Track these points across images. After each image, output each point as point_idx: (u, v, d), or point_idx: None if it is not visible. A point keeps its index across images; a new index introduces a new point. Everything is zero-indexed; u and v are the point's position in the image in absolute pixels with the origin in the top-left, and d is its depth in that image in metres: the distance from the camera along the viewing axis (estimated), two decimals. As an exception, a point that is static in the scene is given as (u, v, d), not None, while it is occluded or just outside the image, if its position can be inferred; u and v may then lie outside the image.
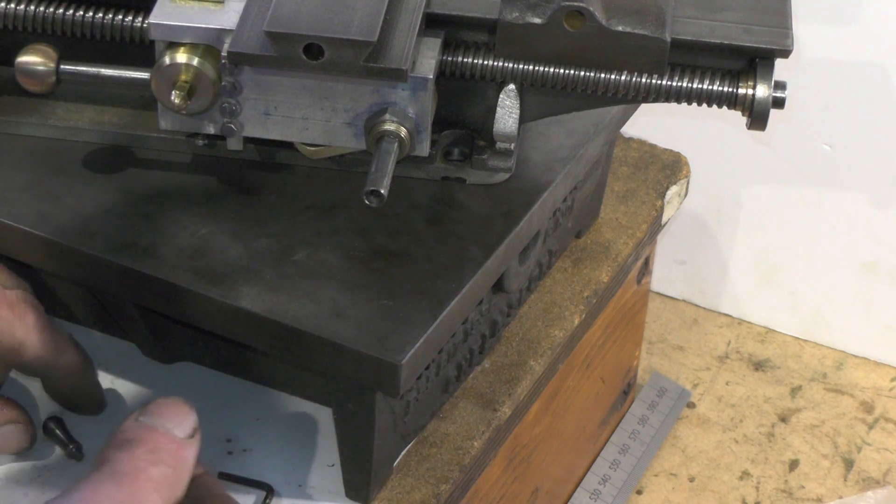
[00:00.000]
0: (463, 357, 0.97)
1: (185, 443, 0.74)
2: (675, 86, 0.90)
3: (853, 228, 1.38)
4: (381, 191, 0.82)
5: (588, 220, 1.11)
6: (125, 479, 0.69)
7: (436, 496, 0.91)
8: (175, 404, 0.76)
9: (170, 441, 0.73)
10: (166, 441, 0.73)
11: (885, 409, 1.38)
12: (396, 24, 0.86)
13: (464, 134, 0.95)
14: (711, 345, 1.44)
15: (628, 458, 1.28)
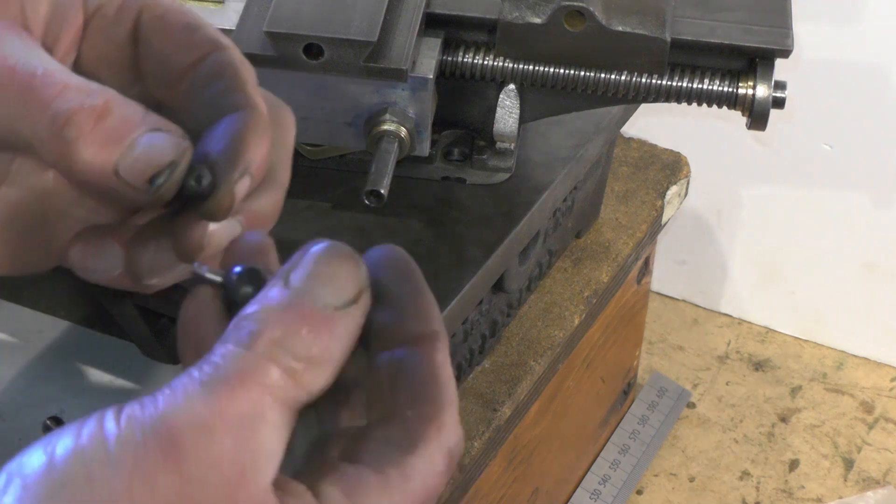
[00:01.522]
0: (463, 357, 0.97)
1: (335, 317, 0.50)
2: (675, 86, 0.90)
3: (853, 228, 1.38)
4: (381, 191, 0.82)
5: (588, 220, 1.11)
6: (234, 385, 0.48)
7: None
8: (333, 257, 0.52)
9: (312, 318, 0.50)
10: (305, 320, 0.50)
11: (885, 409, 1.38)
12: (396, 24, 0.86)
13: (464, 134, 0.95)
14: (711, 345, 1.44)
15: (628, 458, 1.28)
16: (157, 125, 0.57)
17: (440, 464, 0.51)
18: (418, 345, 0.53)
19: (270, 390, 0.49)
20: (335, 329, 0.51)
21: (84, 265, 0.60)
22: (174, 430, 0.47)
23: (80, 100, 0.56)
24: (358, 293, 0.52)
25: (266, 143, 0.59)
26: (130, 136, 0.57)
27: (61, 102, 0.56)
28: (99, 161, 0.56)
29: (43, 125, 0.56)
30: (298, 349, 0.50)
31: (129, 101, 0.58)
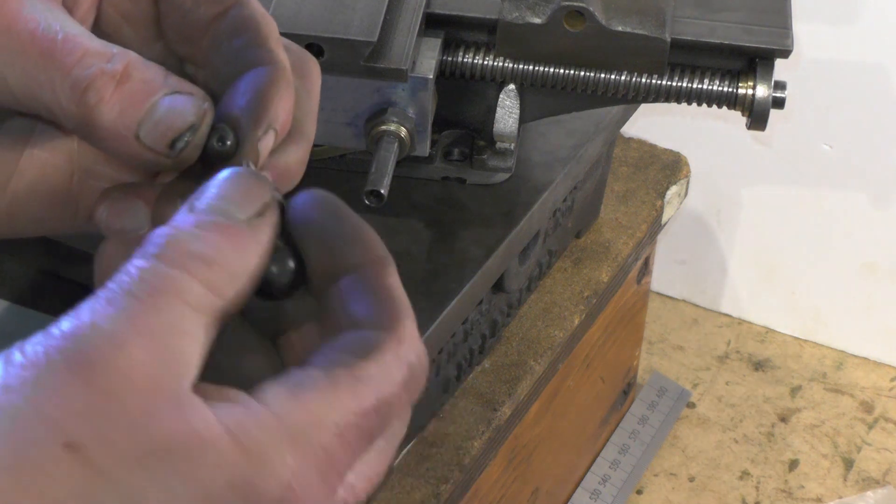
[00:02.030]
0: (463, 357, 0.97)
1: (242, 228, 0.51)
2: (675, 86, 0.90)
3: (853, 228, 1.38)
4: (381, 191, 0.82)
5: (588, 220, 1.11)
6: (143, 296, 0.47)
7: (436, 496, 0.91)
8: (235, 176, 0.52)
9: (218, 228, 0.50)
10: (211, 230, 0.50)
11: (884, 409, 1.38)
12: (396, 24, 0.86)
13: (464, 134, 0.95)
14: (711, 345, 1.44)
15: (628, 457, 1.28)
16: (177, 87, 0.57)
17: (397, 374, 0.50)
18: (365, 268, 0.53)
19: (180, 297, 0.48)
20: (243, 237, 0.51)
21: (110, 224, 0.59)
22: (82, 347, 0.46)
23: (101, 65, 0.56)
24: (264, 206, 0.52)
25: (290, 98, 0.59)
26: (151, 99, 0.56)
27: (82, 68, 0.56)
28: (120, 126, 0.56)
29: (64, 91, 0.56)
30: (207, 255, 0.49)
31: (149, 64, 0.57)
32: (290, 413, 0.48)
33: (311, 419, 0.48)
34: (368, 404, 0.49)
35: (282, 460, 0.47)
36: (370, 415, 0.49)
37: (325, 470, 0.48)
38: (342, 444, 0.49)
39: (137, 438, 0.45)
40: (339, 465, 0.49)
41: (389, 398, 0.50)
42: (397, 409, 0.51)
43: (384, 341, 0.51)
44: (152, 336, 0.47)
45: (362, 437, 0.49)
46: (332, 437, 0.48)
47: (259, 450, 0.47)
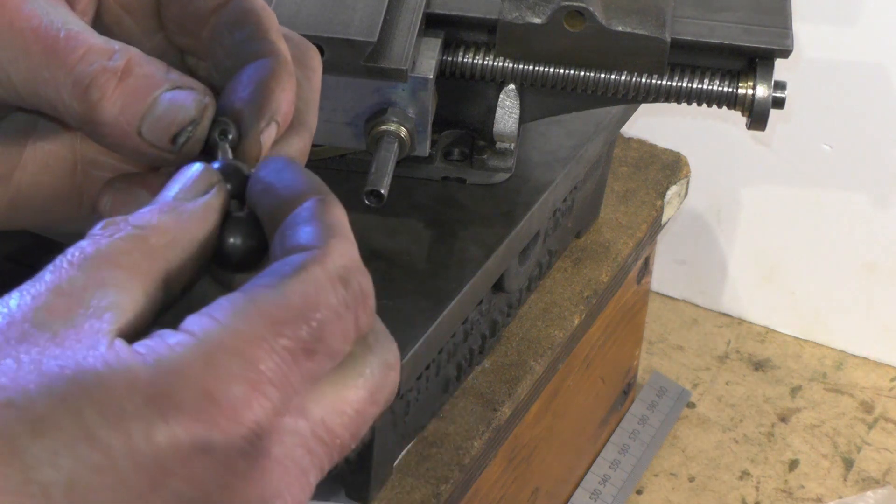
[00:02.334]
0: (463, 357, 0.97)
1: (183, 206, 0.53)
2: (675, 86, 0.90)
3: (853, 228, 1.38)
4: (381, 191, 0.82)
5: (588, 220, 1.11)
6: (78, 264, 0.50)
7: (436, 496, 0.91)
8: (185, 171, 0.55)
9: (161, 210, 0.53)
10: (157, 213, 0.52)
11: (884, 409, 1.38)
12: (396, 24, 0.86)
13: (464, 134, 0.95)
14: (711, 345, 1.44)
15: (628, 457, 1.28)
16: (179, 82, 0.58)
17: (323, 285, 0.50)
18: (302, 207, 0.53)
19: (109, 261, 0.50)
20: (183, 212, 0.53)
21: (113, 214, 0.60)
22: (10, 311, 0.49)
23: (103, 62, 0.57)
24: (208, 187, 0.54)
25: (291, 89, 0.59)
26: (153, 94, 0.57)
27: (84, 65, 0.57)
28: (122, 121, 0.57)
29: (66, 88, 0.57)
30: (144, 226, 0.51)
31: (151, 59, 0.58)
32: (207, 330, 0.48)
33: (228, 332, 0.48)
34: (290, 315, 0.49)
35: (194, 372, 0.47)
36: (295, 325, 0.49)
37: (251, 381, 0.47)
38: (268, 356, 0.48)
39: (50, 373, 0.46)
40: (269, 378, 0.48)
41: (317, 309, 0.49)
42: (338, 328, 0.50)
43: (308, 259, 0.51)
44: (80, 293, 0.49)
45: (295, 351, 0.48)
46: (252, 347, 0.48)
47: (170, 365, 0.47)
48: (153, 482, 0.46)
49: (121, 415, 0.46)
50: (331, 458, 0.51)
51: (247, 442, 0.47)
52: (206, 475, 0.47)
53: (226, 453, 0.47)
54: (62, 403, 0.46)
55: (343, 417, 0.51)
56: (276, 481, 0.48)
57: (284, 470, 0.49)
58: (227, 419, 0.47)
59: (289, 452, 0.49)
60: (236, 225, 0.54)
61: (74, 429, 0.46)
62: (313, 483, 0.50)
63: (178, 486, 0.46)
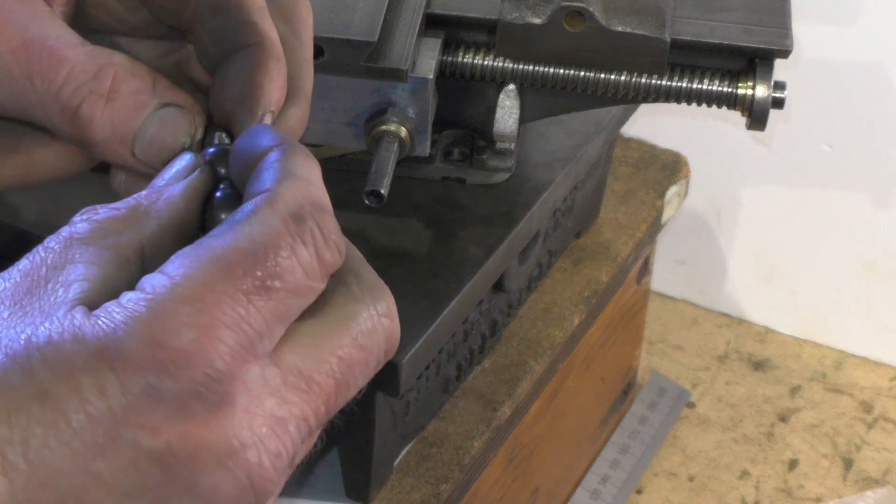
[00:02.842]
0: (463, 357, 0.97)
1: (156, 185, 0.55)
2: (675, 86, 0.90)
3: (853, 228, 1.38)
4: (381, 191, 0.82)
5: (588, 220, 1.11)
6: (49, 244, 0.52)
7: (436, 496, 0.91)
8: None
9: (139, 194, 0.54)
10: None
11: (884, 409, 1.38)
12: (396, 25, 0.86)
13: (464, 134, 0.95)
14: (711, 345, 1.44)
15: (628, 457, 1.28)
16: (167, 98, 0.58)
17: (276, 223, 0.49)
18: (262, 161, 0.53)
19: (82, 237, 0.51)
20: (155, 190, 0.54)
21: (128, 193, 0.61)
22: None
23: (88, 83, 0.57)
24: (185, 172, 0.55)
25: (281, 74, 0.59)
26: (141, 114, 0.57)
27: (69, 87, 0.57)
28: (114, 142, 0.57)
29: (55, 113, 0.57)
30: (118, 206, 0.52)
31: (136, 71, 0.58)
32: (157, 284, 0.48)
33: (177, 283, 0.48)
34: (239, 256, 0.48)
35: (142, 323, 0.47)
36: (245, 265, 0.48)
37: (201, 326, 0.47)
38: (220, 299, 0.48)
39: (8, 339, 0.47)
40: (222, 321, 0.47)
41: (268, 247, 0.49)
42: (295, 263, 0.49)
43: (258, 201, 0.51)
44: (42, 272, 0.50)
45: (249, 291, 0.48)
46: (202, 292, 0.48)
47: (120, 320, 0.47)
48: (108, 434, 0.46)
49: (70, 371, 0.46)
50: (315, 408, 0.50)
51: (201, 386, 0.47)
52: (162, 422, 0.46)
53: (179, 399, 0.46)
54: (15, 365, 0.46)
55: (323, 364, 0.50)
56: (244, 429, 0.47)
57: (252, 418, 0.48)
58: (176, 365, 0.47)
59: (257, 400, 0.48)
60: (220, 202, 0.54)
61: (27, 388, 0.46)
62: (295, 433, 0.49)
63: (135, 435, 0.46)
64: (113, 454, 0.46)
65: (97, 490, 0.46)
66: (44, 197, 0.90)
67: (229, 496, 0.47)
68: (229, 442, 0.47)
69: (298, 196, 0.50)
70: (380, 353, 0.53)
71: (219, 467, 0.47)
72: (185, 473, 0.47)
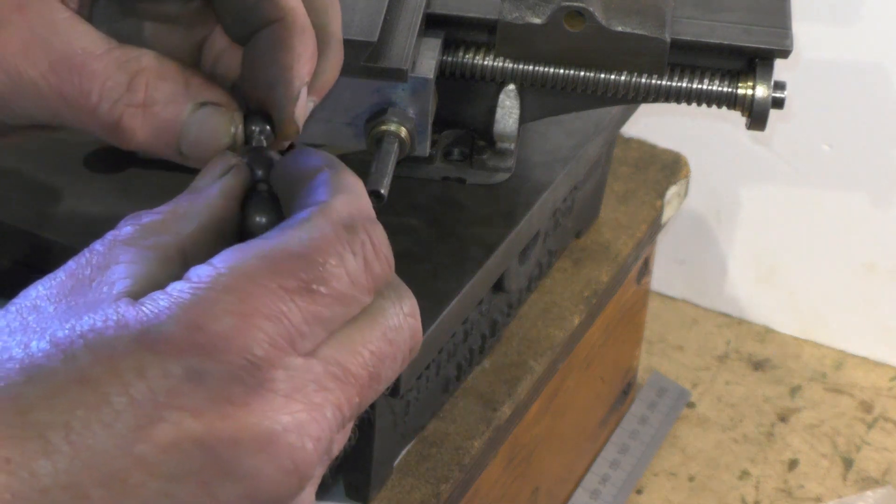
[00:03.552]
0: (463, 357, 0.97)
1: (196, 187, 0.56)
2: (675, 86, 0.90)
3: (853, 228, 1.38)
4: (381, 191, 0.82)
5: (588, 220, 1.11)
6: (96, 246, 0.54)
7: (436, 496, 0.91)
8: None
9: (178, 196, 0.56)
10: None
11: (884, 409, 1.38)
12: (396, 25, 0.86)
13: (464, 134, 0.95)
14: (711, 344, 1.44)
15: (628, 457, 1.28)
16: (202, 97, 0.59)
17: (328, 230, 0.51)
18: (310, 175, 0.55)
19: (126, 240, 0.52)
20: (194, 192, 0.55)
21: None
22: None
23: (123, 97, 0.58)
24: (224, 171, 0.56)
25: (310, 45, 0.60)
26: (180, 118, 0.58)
27: (105, 104, 0.58)
28: (161, 143, 0.59)
29: (95, 128, 0.59)
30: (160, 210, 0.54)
31: (167, 74, 0.59)
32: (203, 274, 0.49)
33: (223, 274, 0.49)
34: (287, 256, 0.49)
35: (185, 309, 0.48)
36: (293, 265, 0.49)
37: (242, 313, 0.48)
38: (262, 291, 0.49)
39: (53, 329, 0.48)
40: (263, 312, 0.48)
41: (317, 251, 0.50)
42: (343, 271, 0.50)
43: (312, 211, 0.52)
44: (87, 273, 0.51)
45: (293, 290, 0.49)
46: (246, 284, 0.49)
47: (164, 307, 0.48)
48: (149, 415, 0.47)
49: (111, 355, 0.47)
50: (349, 398, 0.51)
51: (241, 370, 0.47)
52: (204, 405, 0.47)
53: (219, 382, 0.47)
54: (58, 351, 0.47)
55: (357, 357, 0.51)
56: (285, 414, 0.48)
57: (292, 403, 0.48)
58: (216, 348, 0.47)
59: (296, 387, 0.49)
60: (257, 202, 0.56)
61: (69, 372, 0.47)
62: (332, 420, 0.50)
63: (177, 417, 0.47)
64: (155, 436, 0.47)
65: (140, 472, 0.47)
66: (44, 197, 0.90)
67: (272, 479, 0.48)
68: (270, 426, 0.48)
69: (352, 209, 0.52)
70: (406, 349, 0.54)
71: (261, 450, 0.48)
72: (228, 456, 0.47)
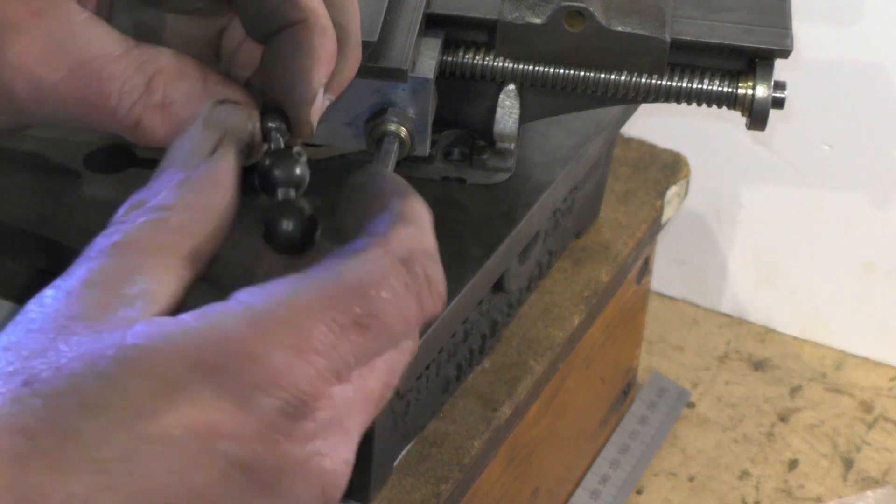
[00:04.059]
0: (463, 357, 0.97)
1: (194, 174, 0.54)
2: (675, 86, 0.90)
3: (853, 228, 1.38)
4: (381, 191, 0.82)
5: (588, 220, 1.11)
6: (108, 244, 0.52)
7: (436, 496, 0.91)
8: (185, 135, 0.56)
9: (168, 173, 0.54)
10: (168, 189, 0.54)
11: (884, 409, 1.38)
12: (396, 24, 0.86)
13: (464, 134, 0.95)
14: (711, 345, 1.44)
15: (628, 457, 1.28)
16: (220, 94, 0.59)
17: (385, 264, 0.51)
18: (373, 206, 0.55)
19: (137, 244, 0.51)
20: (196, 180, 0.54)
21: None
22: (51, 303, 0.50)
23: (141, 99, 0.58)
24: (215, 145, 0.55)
25: (330, 47, 0.61)
26: (199, 116, 0.58)
27: (124, 107, 0.59)
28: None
29: (115, 128, 0.59)
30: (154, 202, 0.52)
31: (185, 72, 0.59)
32: (255, 299, 0.49)
33: (277, 302, 0.49)
34: (342, 290, 0.49)
35: (240, 336, 0.48)
36: (347, 299, 0.49)
37: (296, 348, 0.48)
38: (316, 325, 0.49)
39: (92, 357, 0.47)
40: (315, 347, 0.48)
41: (372, 286, 0.50)
42: (395, 306, 0.50)
43: (369, 241, 0.52)
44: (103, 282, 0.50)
45: (345, 324, 0.49)
46: (300, 317, 0.49)
47: (216, 330, 0.48)
48: (203, 445, 0.47)
49: (165, 384, 0.47)
50: (370, 414, 0.53)
51: (289, 404, 0.48)
52: (251, 434, 0.48)
53: (268, 412, 0.48)
54: (107, 382, 0.47)
55: (376, 372, 0.52)
56: (322, 440, 0.49)
57: (331, 429, 0.50)
58: (269, 382, 0.48)
59: (337, 415, 0.50)
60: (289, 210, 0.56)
61: (122, 404, 0.47)
62: (356, 441, 0.52)
63: (227, 446, 0.47)
64: (208, 465, 0.47)
65: (196, 501, 0.47)
66: (44, 197, 0.90)
67: (308, 498, 0.49)
68: (311, 452, 0.49)
69: (411, 243, 0.52)
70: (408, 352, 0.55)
71: (299, 474, 0.49)
72: (269, 482, 0.48)
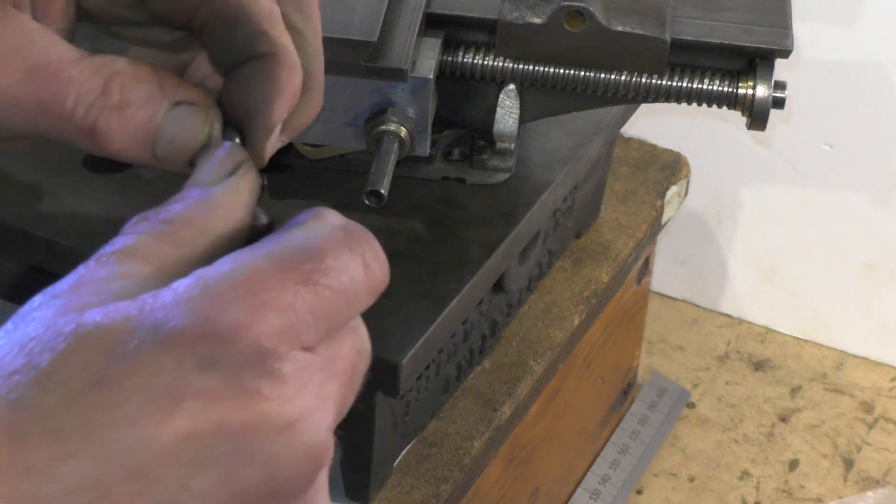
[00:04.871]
0: (463, 357, 0.97)
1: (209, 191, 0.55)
2: (675, 86, 0.90)
3: (853, 228, 1.38)
4: (381, 191, 0.82)
5: (588, 220, 1.11)
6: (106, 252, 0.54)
7: (436, 496, 0.91)
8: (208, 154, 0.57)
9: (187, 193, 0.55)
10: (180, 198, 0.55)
11: (884, 409, 1.38)
12: (396, 24, 0.86)
13: (464, 134, 0.95)
14: (711, 345, 1.44)
15: (628, 457, 1.28)
16: (177, 97, 0.59)
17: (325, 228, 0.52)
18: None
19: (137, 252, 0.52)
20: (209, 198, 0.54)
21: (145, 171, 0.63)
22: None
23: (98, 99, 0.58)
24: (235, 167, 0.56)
25: (295, 82, 0.60)
26: (156, 118, 0.58)
27: (81, 108, 0.58)
28: (136, 147, 0.58)
29: (71, 134, 0.59)
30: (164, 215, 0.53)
31: (140, 74, 0.59)
32: (207, 270, 0.50)
33: (228, 270, 0.50)
34: (288, 251, 0.50)
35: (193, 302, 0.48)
36: (294, 258, 0.50)
37: (250, 305, 0.49)
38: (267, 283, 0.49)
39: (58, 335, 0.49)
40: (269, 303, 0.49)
41: (317, 245, 0.51)
42: (342, 264, 0.51)
43: (306, 216, 0.53)
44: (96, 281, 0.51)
45: (296, 281, 0.50)
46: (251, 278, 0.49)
47: (170, 301, 0.49)
48: (168, 409, 0.47)
49: (123, 353, 0.47)
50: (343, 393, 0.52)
51: (252, 359, 0.48)
52: (216, 392, 0.48)
53: (231, 369, 0.48)
54: (68, 358, 0.48)
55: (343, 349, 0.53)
56: (298, 402, 0.49)
57: (303, 392, 0.49)
58: (227, 339, 0.48)
59: (305, 379, 0.50)
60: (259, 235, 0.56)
61: (83, 376, 0.47)
62: (333, 414, 0.51)
63: (192, 406, 0.47)
64: (173, 427, 0.47)
65: (160, 464, 0.47)
66: (45, 197, 0.90)
67: (291, 463, 0.49)
68: (286, 412, 0.49)
69: (345, 219, 0.53)
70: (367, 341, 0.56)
71: (278, 435, 0.49)
72: (246, 442, 0.48)
